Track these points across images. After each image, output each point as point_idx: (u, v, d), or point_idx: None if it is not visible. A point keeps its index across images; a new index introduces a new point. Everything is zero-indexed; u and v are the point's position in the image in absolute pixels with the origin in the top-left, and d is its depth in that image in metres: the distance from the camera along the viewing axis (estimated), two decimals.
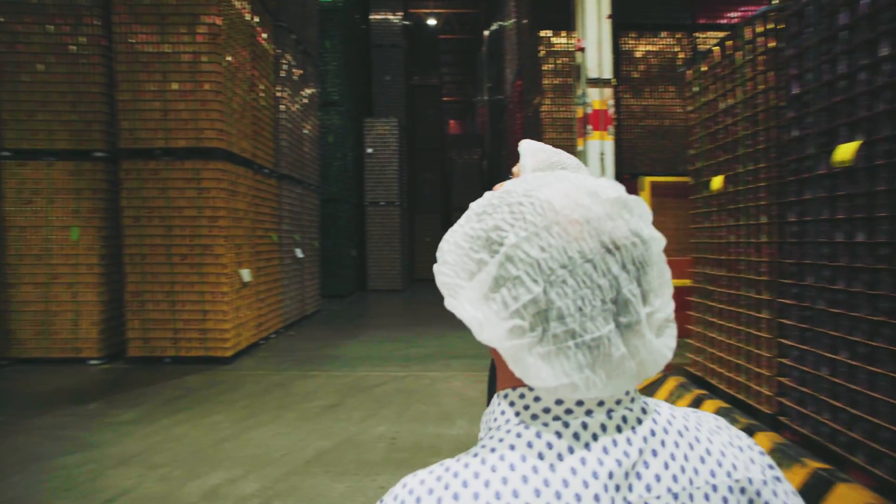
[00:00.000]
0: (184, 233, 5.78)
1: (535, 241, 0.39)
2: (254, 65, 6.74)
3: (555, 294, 0.38)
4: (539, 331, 0.39)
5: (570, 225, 0.39)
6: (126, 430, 3.89)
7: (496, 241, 0.41)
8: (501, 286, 0.40)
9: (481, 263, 0.41)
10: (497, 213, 0.42)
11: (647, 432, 0.42)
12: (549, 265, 0.39)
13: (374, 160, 13.61)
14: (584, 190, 0.41)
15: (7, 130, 5.89)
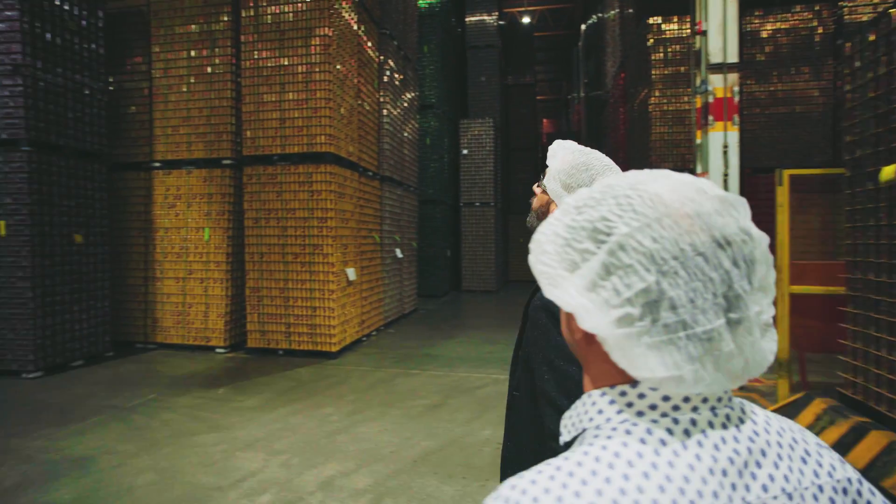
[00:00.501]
0: (296, 233, 6.18)
1: (647, 232, 0.40)
2: (360, 72, 7.04)
3: (667, 284, 0.39)
4: (648, 320, 0.39)
5: (681, 218, 0.40)
6: (250, 416, 4.20)
7: (603, 231, 0.42)
8: (612, 274, 0.41)
9: (586, 253, 0.42)
10: (601, 205, 0.43)
11: (751, 432, 0.43)
12: (662, 256, 0.39)
13: (470, 161, 13.67)
14: (691, 186, 0.42)
15: (157, 144, 6.72)
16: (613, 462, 0.39)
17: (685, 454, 0.40)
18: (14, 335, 5.32)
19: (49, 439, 3.72)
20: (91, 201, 6.02)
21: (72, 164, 5.77)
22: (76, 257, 5.82)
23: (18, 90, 5.24)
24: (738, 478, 0.40)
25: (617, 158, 10.59)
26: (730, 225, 0.41)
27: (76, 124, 5.81)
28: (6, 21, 5.24)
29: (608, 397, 0.44)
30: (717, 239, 0.40)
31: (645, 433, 0.41)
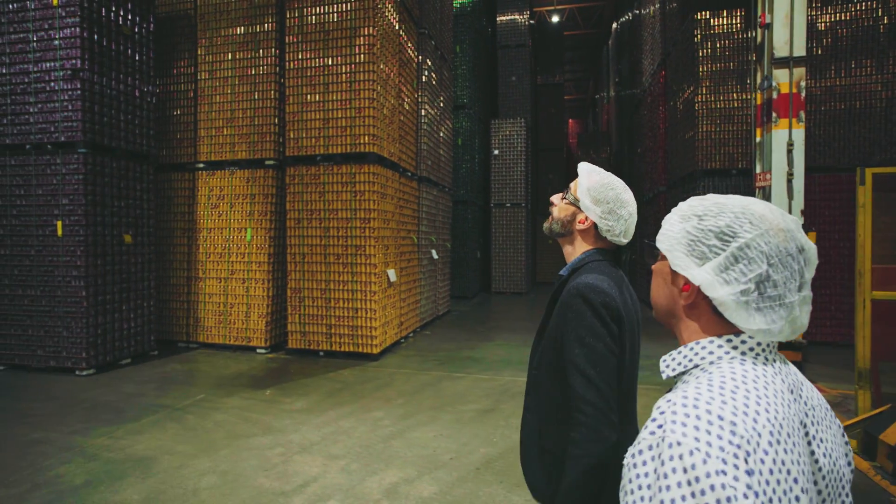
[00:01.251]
0: (339, 234, 6.15)
1: (762, 239, 0.66)
2: (400, 71, 6.99)
3: (773, 272, 0.65)
4: (757, 293, 0.66)
5: (779, 232, 0.67)
6: (301, 419, 4.16)
7: (728, 234, 0.68)
8: (739, 262, 0.66)
9: (715, 249, 0.68)
10: (721, 218, 0.69)
11: (790, 367, 0.72)
12: (770, 254, 0.66)
13: (501, 162, 13.53)
14: (777, 211, 0.69)
15: (202, 145, 6.79)
16: (737, 376, 0.63)
17: (772, 371, 0.66)
18: (68, 333, 5.42)
19: (110, 437, 3.75)
20: (139, 202, 6.10)
21: (122, 165, 5.86)
22: (125, 257, 5.91)
23: (77, 94, 5.34)
24: (798, 393, 0.67)
25: (656, 158, 10.34)
26: (801, 238, 0.67)
27: (127, 126, 5.90)
28: (67, 28, 5.34)
29: (716, 343, 0.69)
30: (798, 247, 0.66)
31: (750, 361, 0.66)
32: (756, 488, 0.54)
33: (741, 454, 0.55)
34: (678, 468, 0.55)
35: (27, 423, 4.08)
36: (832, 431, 0.69)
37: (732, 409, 0.58)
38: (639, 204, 12.52)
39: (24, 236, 5.55)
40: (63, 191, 5.41)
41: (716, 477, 0.54)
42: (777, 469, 0.56)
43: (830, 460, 0.66)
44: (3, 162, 5.63)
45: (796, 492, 0.57)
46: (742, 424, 0.57)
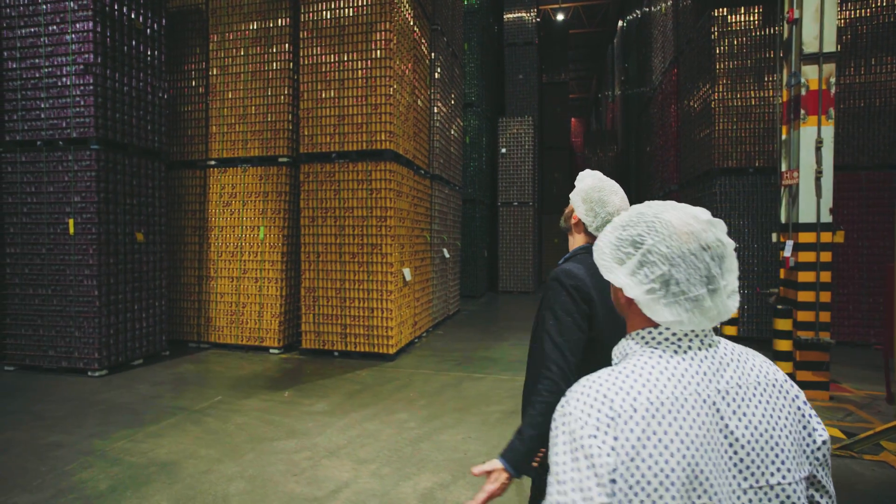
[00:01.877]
0: (354, 232, 6.06)
1: (663, 244, 0.75)
2: (414, 68, 6.89)
3: (674, 271, 0.74)
4: (663, 291, 0.75)
5: (682, 234, 0.75)
6: (324, 421, 4.07)
7: (638, 241, 0.78)
8: (644, 266, 0.76)
9: (629, 255, 0.78)
10: (636, 227, 0.79)
11: (721, 352, 0.77)
12: (672, 256, 0.75)
13: (508, 160, 13.44)
14: (689, 214, 0.78)
15: (214, 143, 6.69)
16: (643, 367, 0.74)
17: (683, 360, 0.74)
18: (80, 333, 5.32)
19: (130, 441, 3.65)
20: (151, 200, 6.00)
21: (134, 162, 5.76)
22: (137, 256, 5.80)
23: (89, 89, 5.23)
24: (713, 375, 0.74)
25: (667, 156, 10.25)
26: (710, 237, 0.75)
27: (139, 123, 5.80)
28: (80, 21, 5.24)
29: (640, 335, 0.79)
30: (702, 245, 0.75)
31: (661, 352, 0.76)
32: (620, 451, 0.68)
33: (613, 424, 0.69)
34: (565, 431, 0.72)
35: (43, 425, 3.98)
36: (768, 406, 0.75)
37: (616, 391, 0.71)
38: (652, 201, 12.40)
39: (35, 234, 5.45)
40: (75, 188, 5.31)
41: (587, 439, 0.69)
42: (647, 437, 0.69)
43: (755, 432, 0.73)
44: (13, 159, 5.53)
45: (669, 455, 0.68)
46: (619, 402, 0.70)
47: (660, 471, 0.68)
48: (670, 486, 0.67)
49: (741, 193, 7.15)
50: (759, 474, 0.72)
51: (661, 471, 0.68)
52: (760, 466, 0.72)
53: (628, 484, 0.68)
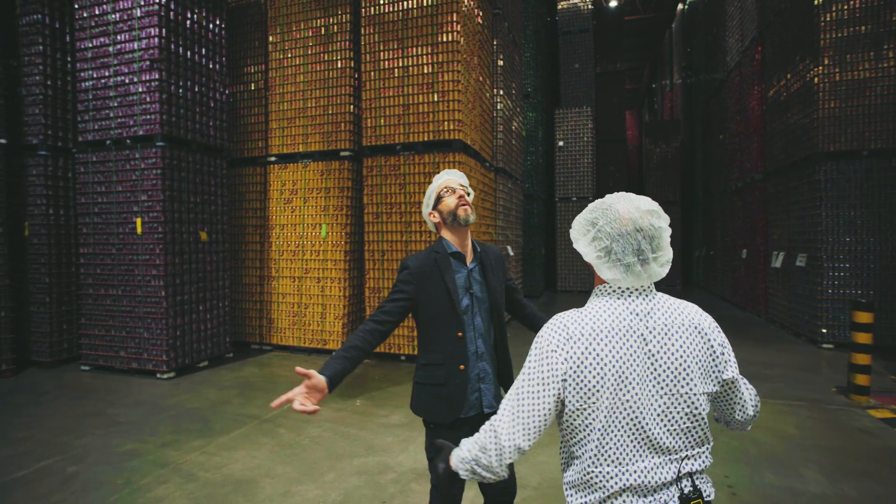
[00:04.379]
0: (421, 228, 5.69)
1: (609, 226, 1.09)
2: (479, 54, 6.46)
3: (614, 245, 1.07)
4: (606, 258, 1.08)
5: (624, 220, 1.08)
6: (403, 436, 3.71)
7: (593, 223, 1.11)
8: (595, 240, 1.10)
9: (587, 231, 1.12)
10: (593, 213, 1.12)
11: (656, 302, 1.09)
12: (612, 234, 1.08)
13: (566, 153, 12.80)
14: (633, 205, 1.10)
15: (273, 138, 6.51)
16: (593, 308, 1.09)
17: (621, 303, 1.08)
18: (149, 334, 5.21)
19: (202, 452, 3.41)
20: (214, 198, 5.86)
21: (197, 159, 5.62)
22: (201, 255, 5.67)
23: (155, 85, 5.12)
24: (644, 316, 1.07)
25: (749, 144, 9.36)
26: (645, 222, 1.08)
27: (201, 119, 5.66)
28: (146, 17, 5.13)
29: (596, 289, 1.14)
30: (637, 228, 1.08)
31: (606, 297, 1.10)
32: (569, 360, 1.04)
33: (565, 340, 1.06)
34: (537, 345, 1.10)
35: (118, 431, 3.82)
36: (684, 339, 1.07)
37: (572, 322, 1.08)
38: (723, 194, 11.58)
39: (105, 234, 5.39)
40: (142, 186, 5.20)
41: (549, 353, 1.06)
42: (587, 351, 1.04)
43: (671, 357, 1.06)
44: (85, 159, 5.50)
45: (604, 365, 1.03)
46: (574, 327, 1.07)
47: (596, 374, 1.03)
48: (603, 386, 1.03)
49: (852, 181, 6.30)
50: (671, 384, 1.05)
51: (596, 374, 1.03)
52: (672, 380, 1.05)
53: (575, 382, 1.04)
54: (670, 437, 1.04)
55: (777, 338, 7.17)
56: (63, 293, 5.93)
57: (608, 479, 1.03)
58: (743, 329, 7.85)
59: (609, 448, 1.03)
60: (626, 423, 1.02)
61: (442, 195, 1.84)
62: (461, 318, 1.73)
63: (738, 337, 7.17)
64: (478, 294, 1.79)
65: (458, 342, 1.72)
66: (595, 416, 1.03)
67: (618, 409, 1.02)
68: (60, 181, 5.93)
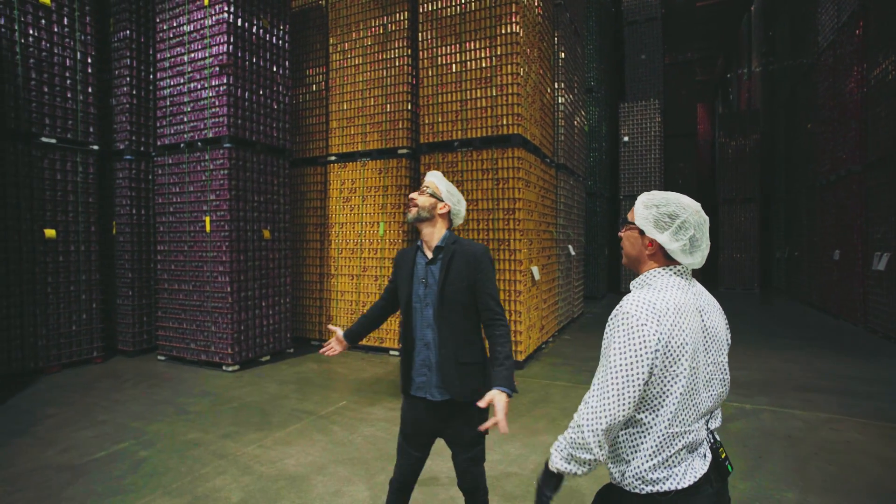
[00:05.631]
0: (479, 226, 5.55)
1: (691, 218, 1.25)
2: (539, 46, 6.23)
3: (697, 233, 1.25)
4: (691, 245, 1.25)
5: (696, 212, 1.26)
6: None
7: (673, 215, 1.26)
8: (679, 231, 1.25)
9: (667, 225, 1.26)
10: (669, 207, 1.26)
11: (697, 285, 1.31)
12: (695, 225, 1.25)
13: (631, 149, 12.18)
14: (690, 199, 1.28)
15: (333, 137, 6.62)
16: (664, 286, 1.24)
17: (683, 285, 1.26)
18: (216, 328, 5.44)
19: (259, 446, 3.47)
20: (276, 197, 6.04)
21: (261, 159, 5.81)
22: (264, 253, 5.85)
23: (223, 89, 5.34)
24: (697, 295, 1.27)
25: (844, 132, 8.40)
26: (703, 213, 1.28)
27: (265, 120, 5.85)
28: (216, 25, 5.37)
29: (661, 270, 1.27)
30: (705, 220, 1.27)
31: (671, 278, 1.26)
32: (660, 331, 1.15)
33: (656, 316, 1.15)
34: (624, 321, 1.17)
35: (184, 420, 3.99)
36: (716, 315, 1.28)
37: (656, 298, 1.18)
38: (812, 188, 10.49)
39: (178, 232, 5.70)
40: (210, 186, 5.45)
41: (640, 325, 1.15)
42: (674, 324, 1.16)
43: (714, 330, 1.25)
44: (163, 161, 5.85)
45: (690, 336, 1.17)
46: (660, 304, 1.17)
47: (681, 343, 1.16)
48: (685, 353, 1.16)
49: None
50: (715, 353, 1.24)
51: (681, 344, 1.16)
52: (716, 349, 1.25)
53: (664, 352, 1.15)
54: (710, 400, 1.23)
55: (880, 350, 6.36)
56: (144, 288, 6.35)
57: (678, 438, 1.17)
58: (835, 339, 7.04)
59: (681, 412, 1.17)
60: (693, 388, 1.18)
61: None
62: (411, 303, 1.94)
63: (829, 348, 6.43)
64: (432, 286, 1.91)
65: (410, 325, 1.94)
66: (676, 383, 1.16)
67: (690, 377, 1.17)
68: (142, 183, 6.36)
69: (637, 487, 1.17)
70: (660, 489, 1.15)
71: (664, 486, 1.15)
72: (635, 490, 1.18)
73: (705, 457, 1.20)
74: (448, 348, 1.86)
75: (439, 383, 1.88)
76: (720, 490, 1.20)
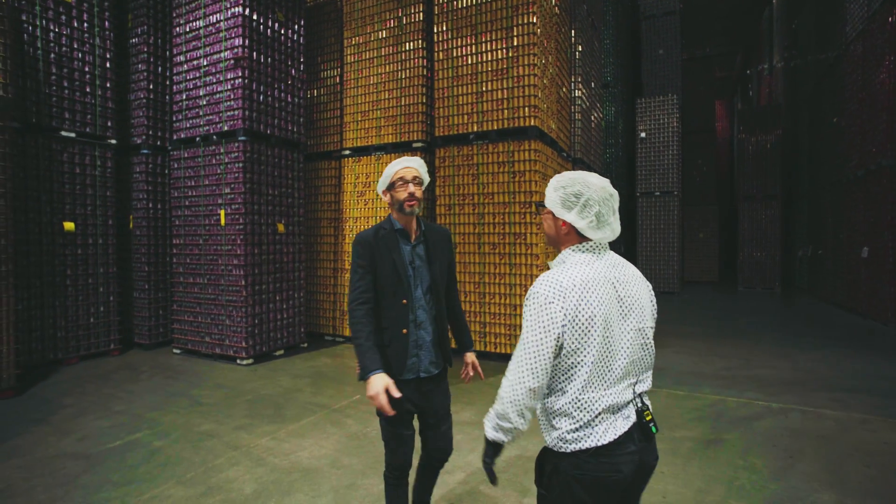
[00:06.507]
0: (495, 220, 5.47)
1: (594, 195, 1.33)
2: (556, 38, 6.12)
3: (602, 209, 1.33)
4: (596, 221, 1.34)
5: (600, 189, 1.34)
6: (474, 434, 3.51)
7: (578, 194, 1.34)
8: (585, 209, 1.34)
9: (572, 205, 1.35)
10: (573, 186, 1.35)
11: (613, 257, 1.39)
12: (598, 202, 1.33)
13: (648, 145, 11.97)
14: (596, 177, 1.38)
15: (348, 132, 6.59)
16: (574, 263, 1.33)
17: (596, 260, 1.34)
18: (231, 322, 5.44)
19: (273, 438, 3.43)
20: (290, 191, 6.02)
21: (276, 153, 5.80)
22: (278, 247, 5.84)
23: (238, 83, 5.33)
24: (611, 268, 1.35)
25: (876, 123, 8.12)
26: (610, 188, 1.37)
27: (280, 114, 5.83)
28: (231, 18, 5.37)
29: (572, 249, 1.37)
30: (610, 195, 1.36)
31: (583, 255, 1.35)
32: (566, 307, 1.24)
33: (561, 293, 1.25)
34: (534, 300, 1.27)
35: (199, 411, 3.97)
36: (636, 285, 1.37)
37: (564, 277, 1.27)
38: (838, 184, 10.14)
39: (193, 226, 5.72)
40: (225, 179, 5.44)
41: (547, 303, 1.25)
42: (580, 299, 1.25)
43: (631, 299, 1.33)
44: (178, 155, 5.87)
45: (594, 309, 1.25)
46: (566, 282, 1.26)
47: (589, 317, 1.25)
48: (594, 325, 1.25)
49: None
50: (635, 321, 1.33)
51: (590, 317, 1.25)
52: (636, 317, 1.33)
53: (571, 327, 1.24)
54: (630, 366, 1.32)
55: None
56: (160, 281, 6.39)
57: (594, 402, 1.27)
58: (864, 339, 6.80)
59: (595, 378, 1.27)
60: (607, 356, 1.28)
61: (395, 183, 1.95)
62: (406, 287, 1.93)
63: (858, 348, 6.21)
64: (420, 269, 1.97)
65: (402, 309, 1.92)
66: (587, 353, 1.26)
67: (602, 345, 1.27)
68: (159, 177, 6.40)
69: (562, 447, 1.30)
70: (581, 447, 1.27)
71: (585, 443, 1.27)
72: (561, 450, 1.30)
73: (628, 418, 1.30)
74: (439, 324, 2.00)
75: (433, 359, 1.98)
76: (644, 448, 1.30)
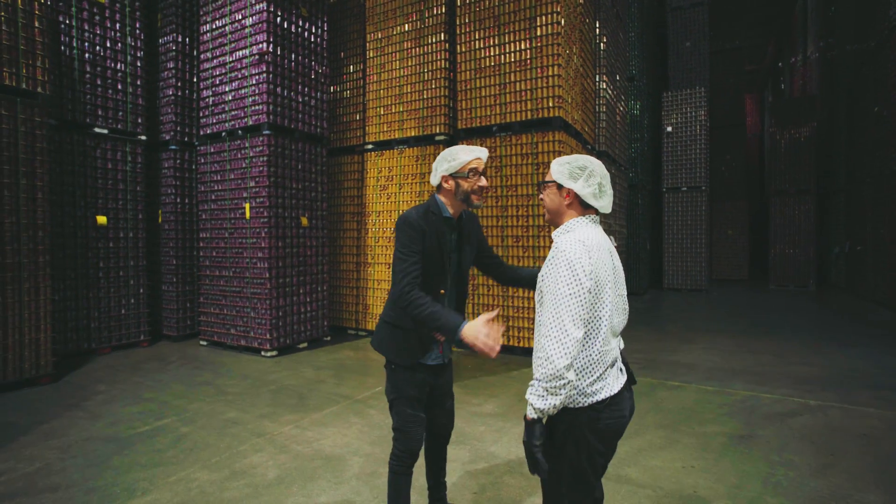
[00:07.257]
0: (518, 213, 5.40)
1: (598, 169, 1.56)
2: (580, 28, 6.01)
3: (603, 181, 1.56)
4: (599, 191, 1.54)
5: (600, 166, 1.57)
6: (497, 426, 3.46)
7: (582, 167, 1.54)
8: (589, 178, 1.53)
9: (578, 175, 1.54)
10: (577, 161, 1.55)
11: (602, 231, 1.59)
12: (601, 174, 1.56)
13: (675, 139, 11.69)
14: (594, 158, 1.58)
15: (370, 126, 6.61)
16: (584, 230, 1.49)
17: (596, 229, 1.54)
18: (255, 314, 5.51)
19: (296, 426, 3.45)
20: (314, 185, 6.07)
21: (300, 147, 5.85)
22: (301, 241, 5.89)
23: (263, 77, 5.40)
24: (604, 238, 1.54)
25: None
26: (604, 168, 1.59)
27: (304, 108, 5.88)
28: (256, 15, 5.44)
29: (579, 218, 1.54)
30: (606, 173, 1.58)
31: (588, 225, 1.53)
32: (591, 263, 1.38)
33: (587, 251, 1.39)
34: (564, 257, 1.39)
35: (224, 400, 4.03)
36: (617, 257, 1.54)
37: (584, 237, 1.43)
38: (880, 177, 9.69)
39: (220, 220, 5.81)
40: (250, 173, 5.52)
41: (578, 258, 1.37)
42: (598, 259, 1.40)
43: (618, 266, 1.51)
44: (205, 150, 5.98)
45: (606, 269, 1.43)
46: (589, 241, 1.42)
47: (604, 274, 1.42)
48: (608, 282, 1.43)
49: None
50: (620, 287, 1.50)
51: (605, 275, 1.42)
52: (621, 284, 1.51)
53: (595, 280, 1.39)
54: (620, 325, 1.52)
55: None
56: (187, 274, 6.52)
57: (607, 355, 1.45)
58: None
59: (607, 333, 1.44)
60: (612, 312, 1.45)
61: (467, 173, 1.89)
62: (446, 276, 1.93)
63: None
64: (454, 258, 1.99)
65: (439, 298, 1.92)
66: (604, 307, 1.43)
67: (612, 302, 1.44)
68: (186, 172, 6.53)
69: (580, 402, 1.42)
70: (597, 399, 1.42)
71: (600, 395, 1.42)
72: (579, 405, 1.42)
73: (622, 370, 1.53)
74: (463, 304, 2.06)
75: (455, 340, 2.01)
76: (631, 394, 1.54)
